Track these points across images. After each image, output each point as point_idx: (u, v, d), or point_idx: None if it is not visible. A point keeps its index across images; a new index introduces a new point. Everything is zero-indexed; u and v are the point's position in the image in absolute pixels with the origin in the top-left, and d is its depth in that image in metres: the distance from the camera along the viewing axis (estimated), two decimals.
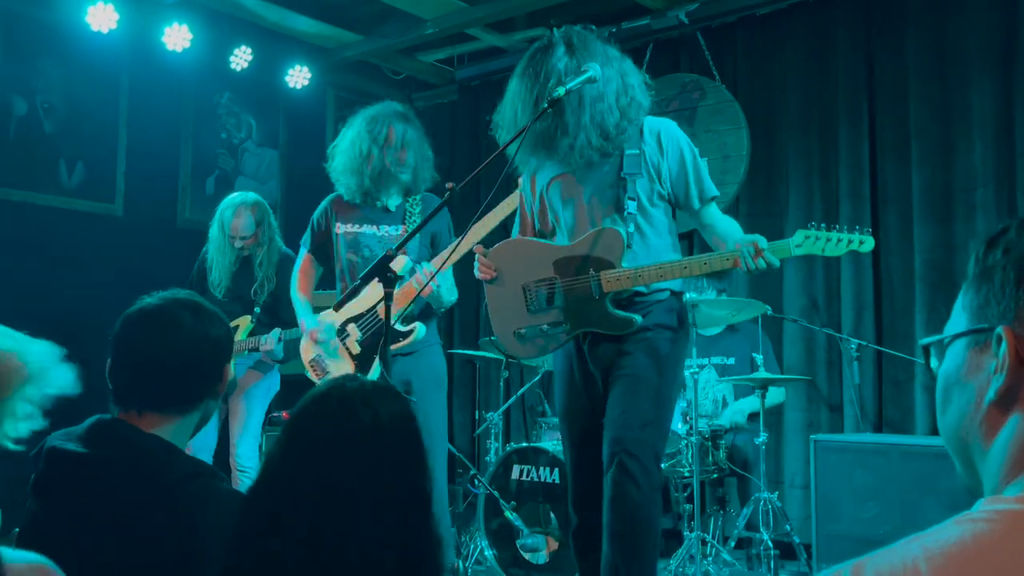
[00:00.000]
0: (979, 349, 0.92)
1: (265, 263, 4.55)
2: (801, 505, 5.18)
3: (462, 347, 6.41)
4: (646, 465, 2.75)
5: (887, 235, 5.31)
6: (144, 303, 1.81)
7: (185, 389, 1.79)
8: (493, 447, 5.00)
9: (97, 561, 1.62)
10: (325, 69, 6.76)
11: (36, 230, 5.47)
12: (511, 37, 6.63)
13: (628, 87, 2.88)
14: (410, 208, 3.70)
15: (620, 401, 2.82)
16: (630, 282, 2.80)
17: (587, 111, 2.81)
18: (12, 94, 5.50)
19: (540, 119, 2.81)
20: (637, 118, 2.90)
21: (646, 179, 2.90)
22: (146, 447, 1.71)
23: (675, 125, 3.01)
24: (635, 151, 2.89)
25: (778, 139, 5.75)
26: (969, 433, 0.93)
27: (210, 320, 1.83)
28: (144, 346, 1.77)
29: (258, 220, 4.53)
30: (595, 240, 2.87)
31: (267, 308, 4.54)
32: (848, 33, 5.50)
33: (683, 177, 2.92)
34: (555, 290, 2.93)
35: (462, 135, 7.31)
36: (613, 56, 2.91)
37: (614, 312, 2.84)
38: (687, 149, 2.94)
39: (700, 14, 5.86)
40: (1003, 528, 0.78)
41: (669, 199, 2.95)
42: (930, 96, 5.17)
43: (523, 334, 2.99)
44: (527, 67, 2.93)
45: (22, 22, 5.50)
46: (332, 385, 1.56)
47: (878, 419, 5.21)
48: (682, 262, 2.77)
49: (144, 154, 6.01)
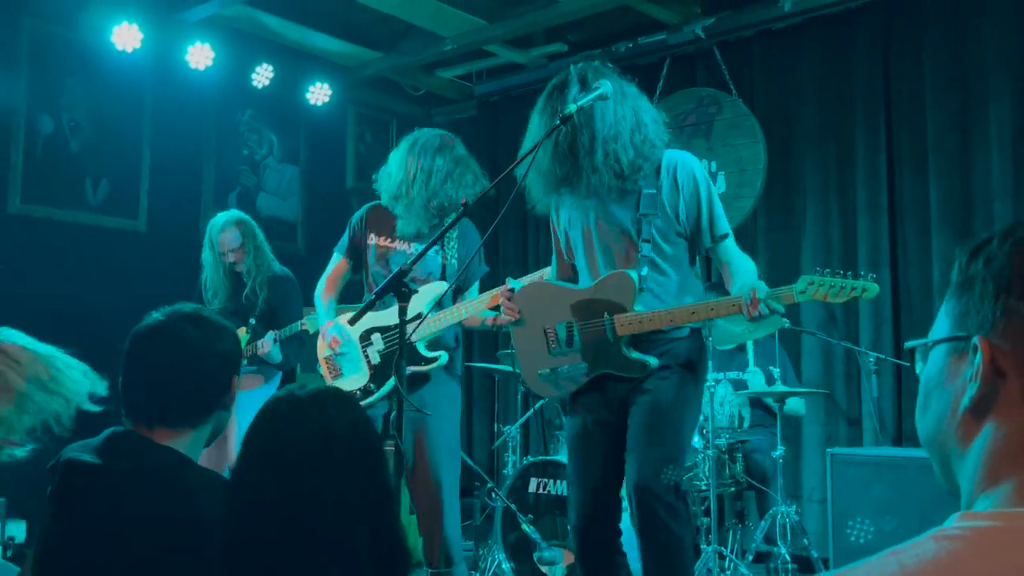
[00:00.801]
0: (958, 356, 0.93)
1: (253, 271, 4.65)
2: (819, 519, 5.16)
3: (481, 360, 6.44)
4: (672, 505, 2.79)
5: (905, 247, 5.30)
6: (150, 319, 1.85)
7: (193, 402, 1.82)
8: (511, 460, 5.02)
9: (112, 571, 1.66)
10: (345, 86, 6.84)
11: (62, 246, 5.56)
12: (529, 53, 6.68)
13: (642, 124, 2.89)
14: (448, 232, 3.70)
15: (640, 444, 2.84)
16: (642, 325, 2.84)
17: (599, 152, 2.83)
18: (39, 113, 5.61)
19: (560, 163, 2.88)
20: (652, 155, 2.91)
21: (661, 218, 2.91)
22: (160, 459, 1.75)
23: (691, 159, 3.00)
24: (652, 190, 2.91)
25: (795, 152, 5.76)
26: (946, 437, 0.94)
27: (216, 333, 1.86)
28: (151, 362, 1.81)
29: (243, 234, 4.66)
30: (609, 283, 2.93)
31: (263, 318, 4.61)
32: (865, 46, 5.51)
33: (696, 214, 2.93)
34: (573, 332, 2.97)
35: (480, 150, 7.32)
36: (629, 92, 2.93)
37: (629, 355, 2.88)
38: (703, 185, 2.94)
39: (716, 29, 5.89)
40: (976, 546, 0.79)
41: (685, 236, 2.96)
42: (948, 108, 5.17)
43: (545, 375, 3.05)
44: (545, 104, 2.96)
45: (49, 42, 5.62)
46: (282, 394, 1.62)
47: (897, 432, 5.19)
48: (690, 307, 2.81)
49: (167, 171, 6.10)
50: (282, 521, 1.49)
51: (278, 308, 4.50)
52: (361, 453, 1.58)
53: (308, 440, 1.54)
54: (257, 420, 1.60)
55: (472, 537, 5.28)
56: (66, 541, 1.74)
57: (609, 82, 2.86)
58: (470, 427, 7.20)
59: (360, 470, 1.56)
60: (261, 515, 1.50)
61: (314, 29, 6.24)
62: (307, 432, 1.54)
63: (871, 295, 2.67)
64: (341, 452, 1.54)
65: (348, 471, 1.54)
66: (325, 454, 1.53)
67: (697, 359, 2.95)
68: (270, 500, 1.51)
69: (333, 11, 6.15)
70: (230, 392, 1.88)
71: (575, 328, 2.96)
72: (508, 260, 7.09)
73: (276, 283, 4.66)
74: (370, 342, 3.65)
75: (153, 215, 6.04)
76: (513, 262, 7.06)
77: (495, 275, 7.12)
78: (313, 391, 1.62)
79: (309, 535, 1.48)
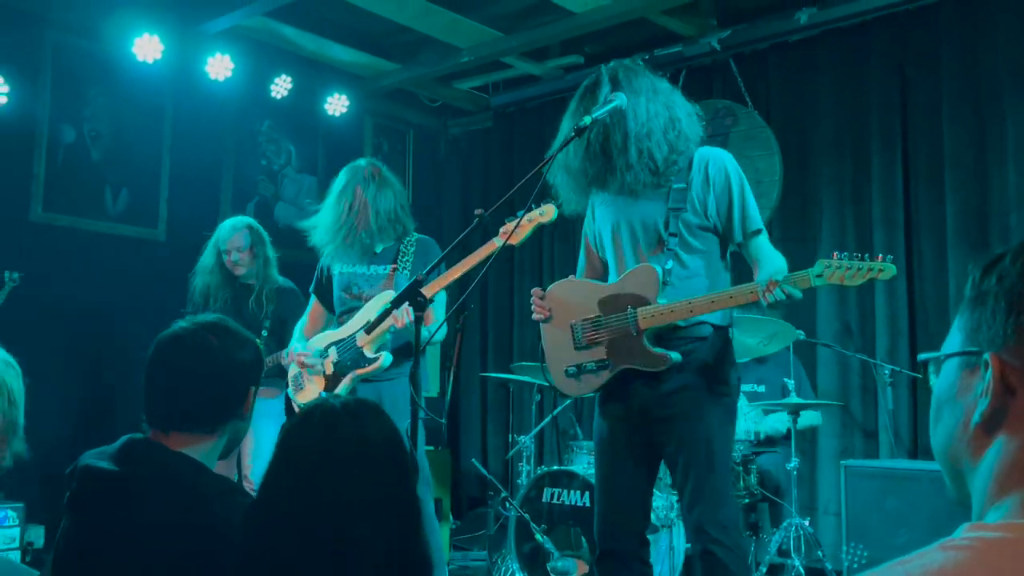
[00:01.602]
0: (970, 371, 0.94)
1: (260, 279, 4.61)
2: (834, 532, 5.14)
3: (496, 371, 6.46)
4: (731, 546, 2.77)
5: (921, 260, 5.29)
6: (176, 327, 1.89)
7: (210, 410, 1.85)
8: (525, 470, 5.03)
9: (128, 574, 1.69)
10: (363, 97, 6.90)
11: (82, 254, 5.62)
12: (545, 65, 6.71)
13: (675, 120, 2.88)
14: (403, 249, 3.84)
15: (690, 478, 2.83)
16: (663, 318, 2.81)
17: (632, 150, 2.82)
18: (61, 123, 5.68)
19: (592, 162, 2.88)
20: (687, 150, 2.90)
21: (690, 212, 2.89)
22: (175, 466, 1.78)
23: (724, 155, 2.98)
24: (682, 185, 2.89)
25: (811, 165, 5.76)
26: (958, 450, 0.95)
27: (237, 343, 1.90)
28: (172, 368, 1.85)
29: (253, 239, 4.62)
30: (633, 277, 2.91)
31: (273, 332, 4.59)
32: (881, 59, 5.51)
33: (727, 210, 2.90)
34: (599, 327, 2.96)
35: (496, 161, 7.40)
36: (661, 89, 2.92)
37: (651, 349, 2.85)
38: (735, 181, 2.91)
39: (732, 41, 5.91)
40: (984, 557, 0.79)
41: (715, 231, 2.93)
42: (964, 121, 5.16)
43: (571, 372, 3.03)
44: (577, 107, 2.96)
45: (71, 53, 5.69)
46: (317, 403, 1.65)
47: (913, 446, 5.17)
48: (710, 297, 2.77)
49: (186, 180, 6.16)
50: (311, 528, 1.51)
51: (288, 321, 4.49)
52: (392, 463, 1.61)
53: (343, 449, 1.57)
54: (291, 428, 1.63)
55: (485, 547, 5.30)
56: (83, 546, 1.77)
57: (644, 80, 2.87)
58: (484, 437, 7.21)
59: (390, 480, 1.58)
60: (291, 521, 1.53)
61: (332, 40, 6.29)
62: (342, 441, 1.57)
63: (888, 276, 2.59)
64: (374, 461, 1.57)
65: (379, 480, 1.56)
66: (359, 463, 1.56)
67: (722, 362, 2.89)
68: (302, 507, 1.53)
69: (351, 23, 6.20)
70: (247, 402, 1.90)
71: (601, 322, 2.96)
72: (524, 269, 7.11)
73: (284, 295, 4.63)
74: (327, 355, 3.80)
75: (172, 224, 6.09)
76: (529, 272, 7.08)
77: (509, 285, 7.17)
78: (346, 401, 1.65)
79: (337, 542, 1.50)
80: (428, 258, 3.78)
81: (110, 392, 5.44)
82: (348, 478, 1.54)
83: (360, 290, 3.85)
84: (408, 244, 3.85)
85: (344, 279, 3.90)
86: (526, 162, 6.66)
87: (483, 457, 6.93)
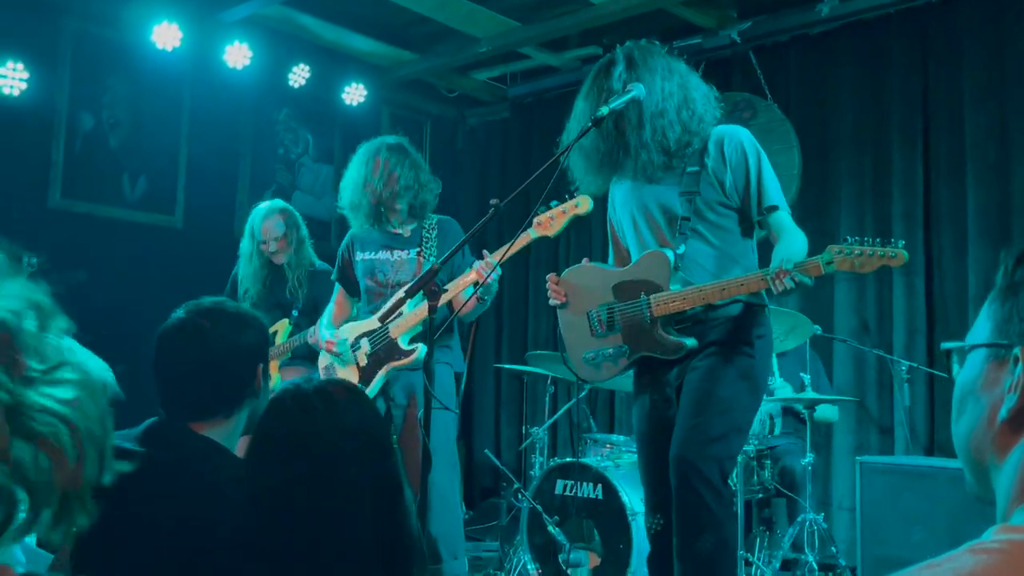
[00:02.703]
0: (998, 363, 0.91)
1: (295, 264, 4.61)
2: (848, 528, 5.12)
3: (510, 362, 6.45)
4: (711, 481, 2.67)
5: (940, 256, 5.25)
6: (173, 317, 1.89)
7: (220, 396, 1.86)
8: (538, 462, 5.03)
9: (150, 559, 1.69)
10: (380, 87, 6.89)
11: (99, 241, 5.64)
12: (563, 56, 6.69)
13: (690, 100, 2.84)
14: (426, 233, 3.84)
15: (685, 419, 2.77)
16: (676, 306, 2.78)
17: (647, 128, 2.79)
18: (80, 110, 5.70)
19: (604, 140, 2.85)
20: (701, 131, 2.85)
21: (709, 192, 2.84)
22: (198, 448, 1.79)
23: (741, 131, 2.92)
24: (696, 168, 2.84)
25: (830, 159, 5.71)
26: (982, 446, 0.92)
27: (235, 325, 1.89)
28: (175, 359, 1.86)
29: (288, 224, 4.61)
30: (645, 263, 2.88)
31: (306, 311, 4.60)
32: (903, 52, 5.46)
33: (744, 185, 2.85)
34: (614, 315, 2.93)
35: (513, 152, 7.39)
36: (676, 70, 2.88)
37: (666, 336, 2.82)
38: (752, 155, 2.85)
39: (752, 33, 5.86)
40: (1014, 560, 0.77)
41: (735, 208, 2.88)
42: (986, 115, 5.10)
43: (590, 359, 3.00)
44: (591, 87, 2.92)
45: (90, 41, 5.71)
46: (287, 387, 1.64)
47: (929, 443, 5.13)
48: (720, 284, 2.72)
49: (204, 168, 6.17)
50: (290, 513, 1.51)
51: (321, 303, 4.50)
52: (370, 446, 1.59)
53: (317, 433, 1.56)
54: (265, 414, 1.63)
55: (498, 538, 5.30)
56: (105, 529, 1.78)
57: (660, 60, 2.84)
58: (498, 428, 7.21)
59: (368, 463, 1.57)
60: (270, 507, 1.53)
61: (350, 30, 6.29)
62: (315, 425, 1.56)
63: (900, 262, 2.53)
64: (349, 445, 1.56)
65: (356, 464, 1.55)
66: (334, 447, 1.55)
67: (750, 335, 2.81)
68: (278, 492, 1.53)
69: (369, 12, 6.19)
70: (257, 380, 1.90)
71: (616, 309, 2.93)
72: (539, 261, 7.09)
73: (317, 277, 4.61)
74: (359, 346, 3.79)
75: (189, 212, 6.11)
76: (544, 264, 7.06)
77: (525, 277, 7.16)
78: (320, 384, 1.64)
79: (316, 527, 1.50)
80: (450, 240, 3.76)
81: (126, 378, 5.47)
82: (324, 462, 1.53)
83: (387, 277, 3.84)
84: (430, 228, 3.84)
85: (368, 265, 3.90)
86: (543, 153, 6.63)
87: (496, 448, 6.93)
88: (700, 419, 2.72)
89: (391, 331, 3.66)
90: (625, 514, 4.13)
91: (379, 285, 3.85)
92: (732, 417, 2.77)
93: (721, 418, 2.73)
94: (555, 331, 3.16)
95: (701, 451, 2.69)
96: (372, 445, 1.60)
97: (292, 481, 1.53)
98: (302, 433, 1.57)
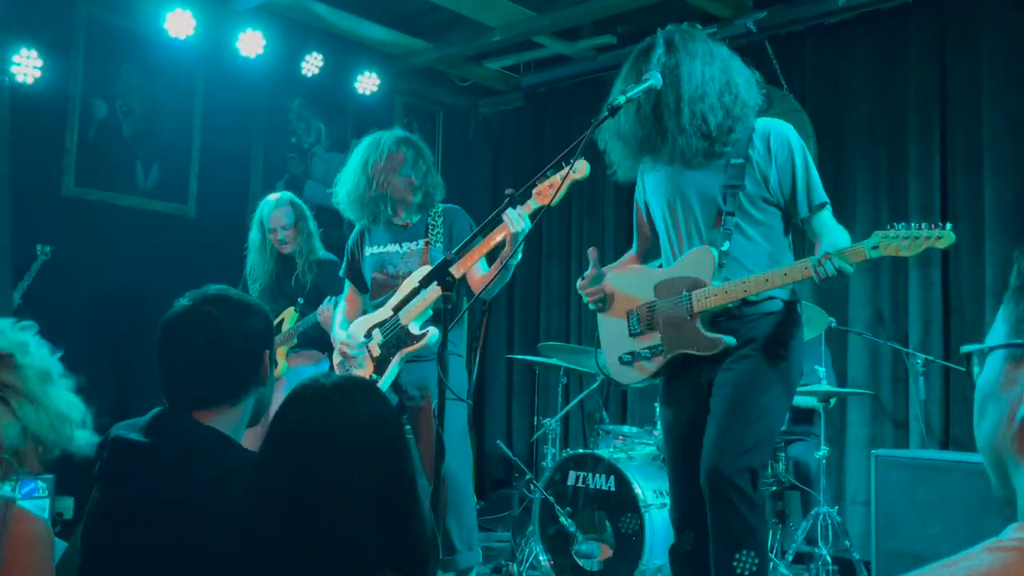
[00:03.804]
0: (1015, 363, 0.90)
1: (305, 252, 4.69)
2: (862, 522, 5.09)
3: (522, 353, 6.45)
4: (745, 491, 2.63)
5: (957, 249, 5.20)
6: (178, 305, 1.88)
7: (225, 382, 1.84)
8: (550, 453, 5.02)
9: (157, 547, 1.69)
10: (393, 75, 6.87)
11: (112, 229, 5.66)
12: (576, 45, 6.65)
13: (732, 84, 2.79)
14: (432, 221, 3.83)
15: (718, 425, 2.72)
16: (717, 300, 2.73)
17: (686, 112, 2.73)
18: (94, 97, 5.70)
19: (642, 124, 2.80)
20: (744, 116, 2.79)
21: (753, 187, 2.80)
22: (204, 437, 1.78)
23: (786, 127, 2.87)
24: (740, 160, 2.79)
25: (846, 150, 5.67)
26: (1003, 446, 0.91)
27: (240, 312, 1.87)
28: (180, 346, 1.84)
29: (296, 215, 4.70)
30: (689, 260, 2.84)
31: (311, 300, 4.63)
32: (920, 43, 5.40)
33: (791, 184, 2.80)
34: (654, 312, 2.90)
35: (526, 141, 7.36)
36: (719, 54, 2.83)
37: (705, 332, 2.77)
38: (799, 153, 2.80)
39: (768, 23, 5.81)
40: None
41: (778, 205, 2.84)
42: (1004, 107, 5.05)
43: (626, 359, 2.97)
44: (630, 70, 2.87)
45: (104, 29, 5.70)
46: (308, 382, 1.64)
47: (944, 436, 5.10)
48: (764, 276, 2.68)
49: (217, 157, 6.17)
50: (303, 509, 1.50)
51: (325, 291, 4.54)
52: (385, 442, 1.59)
53: (334, 428, 1.55)
54: (283, 407, 1.62)
55: (509, 528, 5.30)
56: (113, 517, 1.78)
57: (701, 45, 2.80)
58: (510, 419, 7.21)
59: (383, 459, 1.57)
60: (281, 499, 1.52)
61: (364, 18, 6.27)
62: (333, 420, 1.56)
63: (946, 243, 2.46)
64: (365, 441, 1.56)
65: (371, 459, 1.55)
66: (350, 442, 1.55)
67: (786, 336, 2.77)
68: (292, 485, 1.53)
69: (383, 1, 6.17)
70: (263, 367, 1.89)
71: (656, 307, 2.89)
72: (552, 251, 7.08)
73: (324, 267, 4.68)
74: (371, 337, 3.79)
75: (202, 200, 6.11)
76: (557, 255, 7.05)
77: (537, 268, 7.14)
78: (339, 379, 1.64)
79: (329, 525, 1.49)
80: (458, 229, 3.75)
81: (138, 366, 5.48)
82: (341, 458, 1.53)
83: (396, 269, 3.85)
84: (436, 216, 3.83)
85: (377, 259, 3.90)
86: (556, 143, 6.61)
87: (508, 439, 6.93)
88: (735, 427, 2.68)
89: (402, 319, 3.66)
90: (638, 505, 4.12)
91: (388, 277, 3.85)
92: (766, 424, 2.74)
93: (756, 425, 2.70)
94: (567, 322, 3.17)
95: (735, 463, 2.64)
96: (388, 442, 1.60)
97: (307, 475, 1.53)
98: (319, 428, 1.56)
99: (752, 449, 2.68)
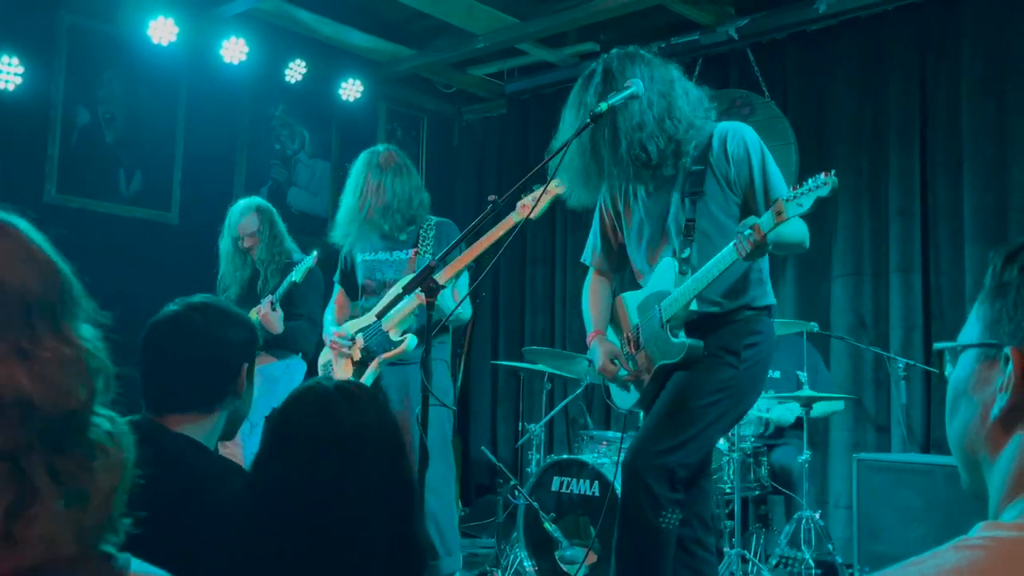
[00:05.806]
0: (988, 363, 0.91)
1: (267, 260, 4.61)
2: (845, 526, 5.12)
3: (507, 358, 6.45)
4: (652, 489, 2.66)
5: (938, 253, 5.25)
6: (166, 310, 1.90)
7: (201, 389, 1.86)
8: (534, 458, 5.02)
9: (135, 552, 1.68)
10: (377, 82, 6.87)
11: (95, 236, 5.62)
12: (561, 52, 6.68)
13: (674, 108, 2.78)
14: (423, 233, 3.90)
15: (646, 426, 2.81)
16: (677, 304, 2.77)
17: (622, 143, 2.74)
18: (76, 104, 5.68)
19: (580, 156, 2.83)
20: (692, 136, 2.80)
21: (715, 189, 2.81)
22: (175, 446, 1.78)
23: (742, 127, 2.86)
24: (700, 166, 2.81)
25: (828, 156, 5.70)
26: (975, 444, 0.93)
27: (224, 321, 1.90)
28: (161, 350, 1.86)
29: (261, 220, 4.64)
30: (657, 274, 2.90)
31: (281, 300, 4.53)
32: (901, 50, 5.45)
33: (748, 179, 2.81)
34: (639, 333, 2.95)
35: (510, 148, 7.38)
36: (660, 77, 2.81)
37: (671, 340, 2.80)
38: (755, 152, 2.80)
39: (750, 30, 5.85)
40: (999, 556, 0.77)
41: (739, 206, 2.85)
42: (984, 113, 5.10)
43: (625, 383, 3.02)
44: (573, 98, 2.92)
45: (87, 35, 5.69)
46: (309, 385, 1.64)
47: (926, 440, 5.14)
48: (705, 268, 2.70)
49: (200, 164, 6.15)
50: (303, 512, 1.50)
51: (295, 293, 4.46)
52: (387, 446, 1.59)
53: (336, 432, 1.55)
54: (284, 408, 1.62)
55: (494, 534, 5.29)
56: None
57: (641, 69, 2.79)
58: (494, 425, 7.20)
59: (385, 463, 1.57)
60: (282, 506, 1.52)
61: (347, 25, 6.27)
62: (336, 424, 1.56)
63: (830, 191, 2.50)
64: (369, 444, 1.56)
65: (374, 464, 1.55)
66: (354, 444, 1.55)
67: (740, 345, 2.78)
68: (294, 489, 1.52)
69: (367, 7, 6.18)
70: (239, 379, 1.90)
71: (640, 328, 2.95)
72: (536, 258, 7.09)
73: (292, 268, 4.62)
74: (354, 342, 3.87)
75: (185, 207, 6.09)
76: (541, 261, 7.06)
77: (521, 274, 7.15)
78: (340, 384, 1.64)
79: (329, 525, 1.49)
80: (448, 240, 3.79)
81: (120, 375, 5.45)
82: (341, 462, 1.53)
83: (384, 276, 3.91)
84: (427, 228, 3.89)
85: (368, 267, 3.97)
86: (540, 149, 6.56)
87: (493, 445, 6.93)
88: (660, 427, 2.74)
89: (384, 325, 3.72)
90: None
91: (376, 284, 3.93)
92: (696, 429, 2.74)
93: (682, 428, 2.72)
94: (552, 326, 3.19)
95: (651, 460, 2.69)
96: (391, 445, 1.61)
97: (309, 477, 1.52)
98: (323, 430, 1.55)
99: (673, 449, 2.70)
